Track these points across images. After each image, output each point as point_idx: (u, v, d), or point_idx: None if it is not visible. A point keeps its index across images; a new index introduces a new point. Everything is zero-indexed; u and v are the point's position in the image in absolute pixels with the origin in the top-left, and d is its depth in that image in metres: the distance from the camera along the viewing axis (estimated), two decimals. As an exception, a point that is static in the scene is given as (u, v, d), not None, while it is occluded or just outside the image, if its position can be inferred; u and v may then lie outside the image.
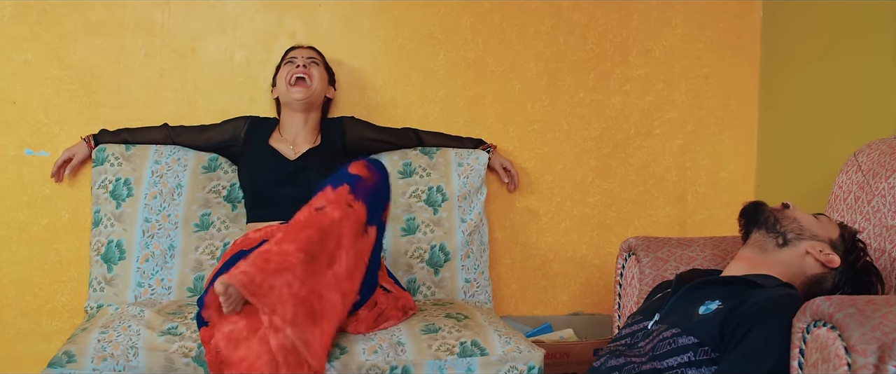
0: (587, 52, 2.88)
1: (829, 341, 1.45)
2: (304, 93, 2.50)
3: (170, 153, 2.59)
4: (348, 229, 1.97)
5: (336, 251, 1.95)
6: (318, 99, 2.56)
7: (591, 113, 2.90)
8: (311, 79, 2.52)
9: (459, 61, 2.81)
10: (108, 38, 2.66)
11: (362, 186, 2.00)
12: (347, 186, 1.98)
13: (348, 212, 1.96)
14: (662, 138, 2.94)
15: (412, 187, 2.68)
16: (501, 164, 2.76)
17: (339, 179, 2.01)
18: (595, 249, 2.94)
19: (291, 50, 2.60)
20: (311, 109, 2.56)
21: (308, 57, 2.56)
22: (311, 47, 2.62)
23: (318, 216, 1.94)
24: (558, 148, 2.89)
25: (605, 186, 2.93)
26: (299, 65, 2.51)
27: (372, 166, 2.05)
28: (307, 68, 2.52)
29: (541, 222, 2.91)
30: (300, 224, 1.94)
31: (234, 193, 2.60)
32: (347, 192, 1.97)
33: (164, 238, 2.50)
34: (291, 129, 2.56)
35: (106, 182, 2.53)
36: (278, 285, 1.84)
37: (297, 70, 2.51)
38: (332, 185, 2.00)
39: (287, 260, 1.87)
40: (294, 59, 2.54)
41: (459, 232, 2.67)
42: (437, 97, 2.83)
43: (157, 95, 2.70)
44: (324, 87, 2.57)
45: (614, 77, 2.90)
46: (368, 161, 2.06)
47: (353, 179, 2.00)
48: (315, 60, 2.57)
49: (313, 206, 1.97)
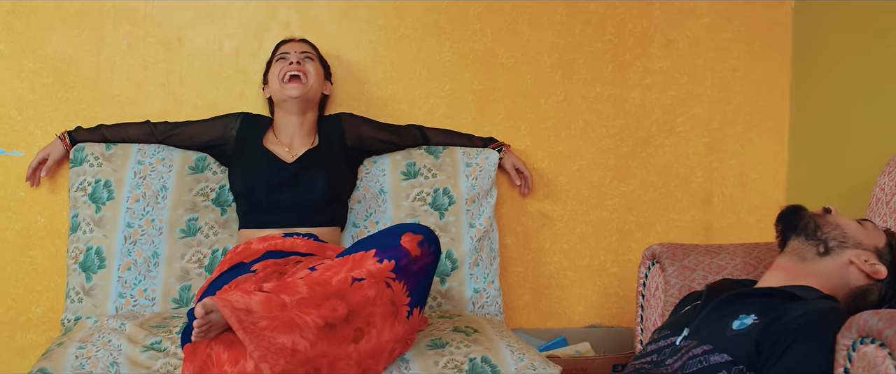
0: (605, 43, 2.83)
1: (878, 359, 1.41)
2: (300, 90, 2.44)
3: (154, 153, 2.53)
4: (381, 308, 1.90)
5: (365, 329, 1.89)
6: (315, 96, 2.51)
7: (610, 109, 2.85)
8: (306, 76, 2.46)
9: (467, 53, 2.76)
10: (87, 28, 2.61)
11: (409, 267, 1.94)
12: (394, 262, 1.91)
13: (384, 292, 1.90)
14: (686, 136, 2.89)
15: (417, 189, 2.64)
16: (513, 164, 2.72)
17: (387, 248, 1.93)
18: (614, 256, 2.89)
19: (282, 44, 2.55)
20: (307, 109, 2.51)
21: (301, 51, 2.50)
22: (303, 40, 2.57)
23: (352, 291, 1.87)
24: (574, 147, 2.85)
25: (624, 188, 2.89)
26: (293, 61, 2.45)
27: (427, 244, 1.98)
28: (302, 64, 2.46)
29: (555, 228, 2.86)
30: (330, 290, 1.87)
31: (224, 196, 2.55)
32: (390, 269, 1.91)
33: (147, 245, 2.45)
34: (287, 131, 2.52)
35: (84, 184, 2.48)
36: (281, 339, 1.78)
37: (290, 67, 2.45)
38: (379, 252, 1.93)
39: (303, 320, 1.81)
40: (286, 55, 2.48)
41: (468, 238, 2.63)
42: (442, 92, 2.78)
43: (140, 89, 2.65)
44: (320, 83, 2.52)
45: (634, 70, 2.85)
46: (426, 237, 1.99)
47: (401, 255, 1.93)
48: (309, 55, 2.51)
49: (351, 271, 1.90)
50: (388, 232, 2.01)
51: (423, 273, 2.00)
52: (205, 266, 2.48)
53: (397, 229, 2.01)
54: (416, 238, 1.97)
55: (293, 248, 2.26)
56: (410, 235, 1.97)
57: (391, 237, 1.97)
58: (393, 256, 1.92)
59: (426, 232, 2.02)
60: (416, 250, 1.95)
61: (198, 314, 1.76)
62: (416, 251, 1.95)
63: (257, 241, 2.31)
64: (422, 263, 1.98)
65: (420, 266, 1.97)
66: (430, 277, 2.03)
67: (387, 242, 1.96)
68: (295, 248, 2.26)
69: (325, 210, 2.43)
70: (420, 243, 1.97)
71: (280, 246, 2.26)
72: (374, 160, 2.65)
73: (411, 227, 2.01)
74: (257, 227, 2.40)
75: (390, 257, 1.91)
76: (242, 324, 1.75)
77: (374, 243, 1.98)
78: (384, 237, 1.99)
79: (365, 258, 1.93)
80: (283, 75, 2.45)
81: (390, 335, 1.92)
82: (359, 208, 2.61)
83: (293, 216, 2.38)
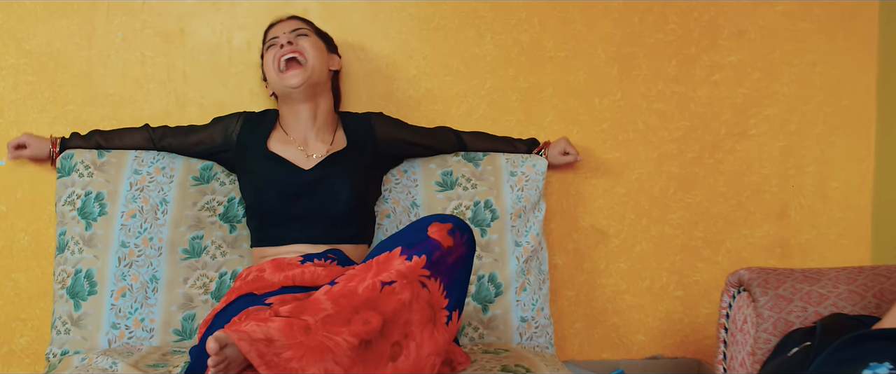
0: (667, 34, 2.63)
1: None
2: (302, 76, 2.19)
3: (152, 161, 2.33)
4: (419, 314, 1.73)
5: (403, 342, 1.71)
6: (322, 77, 2.24)
7: (673, 109, 2.65)
8: (304, 55, 2.20)
9: (511, 46, 2.57)
10: (77, 18, 2.44)
11: (443, 260, 1.75)
12: (425, 257, 1.73)
13: (419, 293, 1.72)
14: (759, 140, 2.68)
15: (454, 202, 2.39)
16: (561, 150, 2.49)
17: (414, 243, 1.75)
18: (678, 277, 2.68)
19: (270, 29, 2.29)
20: (317, 94, 2.25)
21: (292, 30, 2.24)
22: (292, 17, 2.30)
23: (384, 298, 1.69)
24: (632, 153, 2.64)
25: (689, 199, 2.67)
26: (284, 44, 2.20)
27: (458, 233, 1.80)
28: (294, 44, 2.21)
29: (611, 245, 2.65)
30: (358, 301, 1.69)
31: (233, 210, 2.33)
32: (423, 266, 1.72)
33: (144, 267, 2.24)
34: (298, 126, 2.27)
35: (73, 197, 2.28)
36: (312, 370, 1.60)
37: (283, 50, 2.20)
38: (406, 249, 1.74)
39: (333, 341, 1.64)
40: (276, 40, 2.23)
41: (513, 259, 2.38)
42: (483, 90, 2.58)
43: (138, 87, 2.47)
44: (323, 59, 2.25)
45: (701, 65, 2.65)
46: (455, 225, 1.81)
47: (432, 248, 1.74)
48: (302, 31, 2.25)
49: (378, 275, 1.72)
50: (412, 226, 1.83)
51: (458, 267, 1.81)
52: (211, 292, 2.27)
53: (421, 222, 1.82)
54: (444, 227, 1.79)
55: (315, 280, 2.02)
56: (437, 224, 1.79)
57: (417, 231, 1.80)
58: (423, 250, 1.74)
59: (455, 220, 1.83)
60: (448, 240, 1.78)
61: (211, 350, 1.55)
62: (447, 241, 1.77)
63: (272, 268, 2.06)
64: (456, 254, 1.80)
65: (455, 259, 1.79)
66: (467, 272, 1.84)
67: (413, 236, 1.78)
68: (316, 280, 2.02)
69: (350, 223, 2.19)
70: (450, 231, 1.79)
71: (299, 279, 2.02)
72: (404, 169, 2.42)
73: (437, 216, 1.83)
74: (271, 244, 2.17)
75: (420, 251, 1.74)
76: (264, 358, 1.57)
77: (398, 240, 1.79)
78: (409, 232, 1.81)
79: (391, 259, 1.75)
80: (278, 62, 2.20)
81: (430, 348, 1.75)
82: (388, 223, 2.37)
83: (312, 231, 2.15)
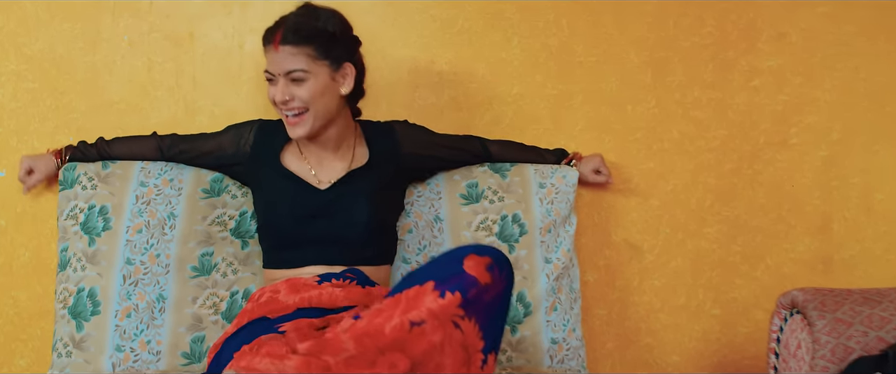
0: (704, 38, 2.54)
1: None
2: (304, 128, 2.00)
3: (160, 172, 2.21)
4: (451, 357, 1.58)
5: None
6: (329, 113, 2.03)
7: (710, 117, 2.55)
8: (304, 111, 1.98)
9: (539, 50, 2.48)
10: (81, 21, 2.36)
11: (480, 298, 1.59)
12: (460, 295, 1.56)
13: (452, 335, 1.57)
14: (801, 149, 2.58)
15: (480, 216, 2.27)
16: (593, 168, 2.38)
17: (448, 278, 1.59)
18: (715, 294, 2.57)
19: (266, 49, 2.00)
20: (327, 125, 2.06)
21: (286, 72, 1.95)
22: (287, 42, 1.95)
23: (413, 339, 1.54)
24: (667, 163, 2.54)
25: (727, 212, 2.57)
26: (279, 99, 1.96)
27: (498, 269, 1.63)
28: (290, 99, 1.96)
29: (645, 261, 2.55)
30: (384, 341, 1.54)
31: (245, 225, 2.21)
32: (457, 305, 1.56)
33: (151, 286, 2.13)
34: (311, 148, 2.12)
35: (76, 211, 2.17)
36: None
37: (281, 105, 1.98)
38: (439, 284, 1.58)
39: None
40: (273, 80, 1.98)
41: (543, 276, 2.24)
42: (509, 97, 2.48)
43: (145, 94, 2.39)
44: (329, 95, 2.00)
45: (739, 70, 2.55)
46: (494, 259, 1.64)
47: (468, 285, 1.58)
48: (298, 75, 1.95)
49: (407, 313, 1.56)
50: (446, 258, 1.66)
51: (496, 305, 1.64)
52: (221, 312, 2.15)
53: (457, 253, 1.65)
54: (482, 261, 1.62)
55: (333, 302, 1.90)
56: (475, 258, 1.62)
57: (451, 263, 1.62)
58: (457, 286, 1.57)
59: (494, 253, 1.66)
60: (486, 276, 1.60)
61: None
62: (485, 278, 1.60)
63: (287, 290, 1.94)
64: (494, 292, 1.63)
65: (492, 297, 1.62)
66: (504, 311, 1.68)
67: (447, 270, 1.61)
68: (335, 302, 1.90)
69: (369, 245, 2.06)
70: (489, 266, 1.61)
71: (315, 301, 1.90)
72: (427, 181, 2.30)
73: (474, 248, 1.66)
74: (284, 267, 2.05)
75: (454, 287, 1.57)
76: None
77: (430, 272, 1.63)
78: (442, 265, 1.64)
79: (422, 294, 1.58)
80: (278, 111, 2.02)
81: None
82: (410, 239, 2.24)
83: (329, 253, 2.02)
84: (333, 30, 1.98)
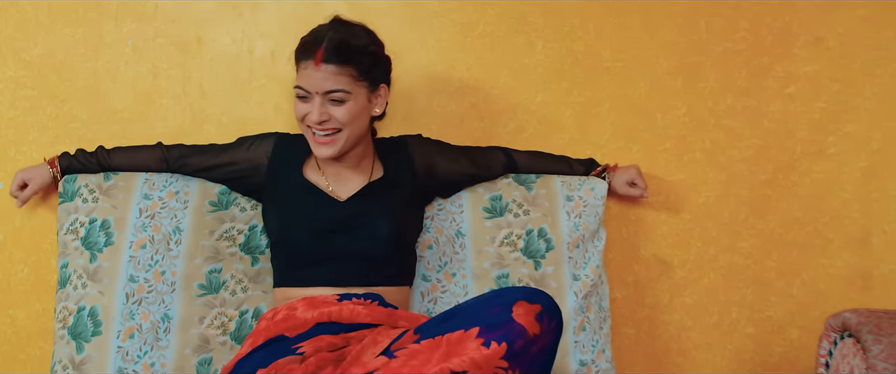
0: (737, 42, 2.44)
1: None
2: (334, 148, 1.92)
3: (165, 184, 2.12)
4: None
5: None
6: (359, 137, 1.98)
7: (743, 125, 2.46)
8: (337, 132, 1.91)
9: (564, 55, 2.39)
10: (83, 26, 2.30)
11: (526, 350, 1.51)
12: (506, 346, 1.48)
13: None
14: (839, 160, 2.48)
15: (505, 230, 2.16)
16: (627, 180, 2.26)
17: (495, 326, 1.51)
18: (749, 312, 2.47)
19: (300, 63, 1.92)
20: (353, 148, 2.01)
21: (326, 92, 1.87)
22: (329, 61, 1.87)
23: None
24: (699, 174, 2.45)
25: (761, 226, 2.47)
26: (314, 119, 1.89)
27: (547, 318, 1.55)
28: (327, 119, 1.89)
29: (675, 277, 2.46)
30: None
31: (256, 240, 2.11)
32: (502, 356, 1.48)
33: (155, 305, 2.04)
34: (332, 166, 2.05)
35: (76, 225, 2.08)
36: None
37: (315, 125, 1.90)
38: (484, 332, 1.50)
39: None
40: (306, 97, 1.90)
41: (571, 294, 2.14)
42: (533, 105, 2.39)
43: (150, 102, 2.32)
44: (363, 118, 1.95)
45: (774, 76, 2.46)
46: (545, 308, 1.56)
47: (515, 335, 1.50)
48: (338, 96, 1.88)
49: (447, 360, 1.47)
50: (494, 301, 1.59)
51: (542, 359, 1.56)
52: (230, 333, 2.05)
53: (505, 297, 1.58)
54: (532, 309, 1.55)
55: (354, 318, 1.81)
56: (524, 305, 1.55)
57: (499, 309, 1.56)
58: (504, 336, 1.50)
59: (544, 300, 1.59)
60: (534, 327, 1.53)
61: None
62: (534, 328, 1.53)
63: (304, 306, 1.84)
64: (541, 344, 1.55)
65: (539, 349, 1.55)
66: (550, 362, 1.60)
67: (494, 316, 1.54)
68: (356, 318, 1.81)
69: (389, 264, 1.97)
70: (538, 315, 1.54)
71: (335, 316, 1.80)
72: None
73: (524, 293, 1.59)
74: (299, 286, 1.95)
75: (500, 338, 1.50)
76: None
77: (475, 316, 1.55)
78: (489, 309, 1.57)
79: (465, 341, 1.51)
80: (305, 123, 1.93)
81: None
82: (430, 255, 2.13)
83: (347, 272, 1.93)
84: (375, 50, 1.93)
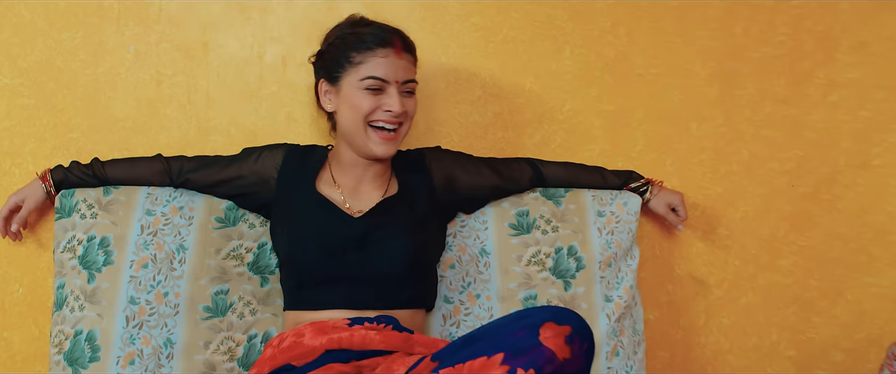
0: (776, 47, 2.34)
1: None
2: (392, 147, 1.85)
3: (168, 199, 2.00)
4: None
5: None
6: None
7: (783, 135, 2.35)
8: (401, 129, 1.85)
9: (593, 61, 2.29)
10: (82, 30, 2.20)
11: None
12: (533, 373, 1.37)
13: None
14: (885, 172, 2.38)
15: (532, 248, 2.02)
16: (668, 203, 2.14)
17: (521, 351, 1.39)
18: (790, 334, 2.36)
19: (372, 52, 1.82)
20: None
21: (405, 80, 1.82)
22: (407, 50, 1.86)
23: None
24: (736, 188, 2.34)
25: (803, 242, 2.36)
26: (394, 109, 1.80)
27: (578, 341, 1.43)
28: (403, 112, 1.81)
29: (711, 297, 2.34)
30: None
31: (265, 258, 1.98)
32: None
33: (158, 329, 1.91)
34: (352, 174, 1.92)
35: (73, 243, 1.96)
36: None
37: (389, 116, 1.80)
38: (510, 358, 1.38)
39: None
40: (383, 86, 1.80)
41: (603, 317, 2.00)
42: (560, 114, 2.28)
43: (153, 112, 2.22)
44: None
45: (815, 83, 2.35)
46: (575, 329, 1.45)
47: (543, 361, 1.38)
48: (411, 86, 1.85)
49: None
50: (518, 323, 1.47)
51: None
52: (238, 359, 1.92)
53: (531, 318, 1.46)
54: (561, 331, 1.43)
55: (366, 344, 1.68)
56: (552, 327, 1.43)
57: (524, 332, 1.43)
58: (531, 362, 1.38)
59: (575, 321, 1.46)
60: (564, 351, 1.41)
61: None
62: (563, 352, 1.41)
63: (312, 332, 1.71)
64: (572, 369, 1.43)
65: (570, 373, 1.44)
66: None
67: (519, 340, 1.41)
68: (368, 344, 1.68)
69: (406, 285, 1.84)
70: (568, 338, 1.42)
71: (346, 343, 1.68)
72: None
73: (552, 313, 1.46)
74: (309, 309, 1.83)
75: (527, 364, 1.38)
76: None
77: (498, 341, 1.43)
78: (513, 332, 1.45)
79: (488, 369, 1.39)
80: (372, 118, 1.82)
81: None
82: (452, 275, 1.99)
83: (361, 295, 1.80)
84: None
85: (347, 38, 1.81)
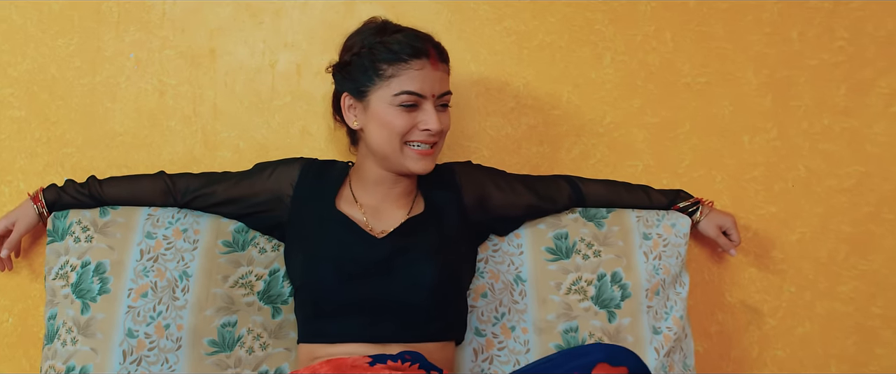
0: (835, 53, 2.22)
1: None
2: (429, 163, 1.73)
3: (170, 221, 1.88)
4: None
5: None
6: None
7: (843, 150, 2.23)
8: (437, 145, 1.73)
9: (636, 69, 2.20)
10: (79, 36, 2.12)
11: None
12: None
13: None
14: None
15: (572, 275, 1.87)
16: (720, 226, 1.99)
17: None
18: (851, 366, 2.24)
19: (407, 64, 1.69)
20: None
21: (441, 94, 1.70)
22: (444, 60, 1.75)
23: None
24: (792, 207, 2.22)
25: (865, 266, 2.23)
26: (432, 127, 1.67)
27: None
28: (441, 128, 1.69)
29: (766, 327, 2.21)
30: None
31: (277, 286, 1.84)
32: None
33: (158, 365, 1.78)
34: (376, 192, 1.79)
35: (66, 269, 1.83)
36: None
37: (427, 135, 1.68)
38: None
39: None
40: (420, 100, 1.68)
41: (651, 351, 1.83)
42: (601, 127, 2.17)
43: (155, 125, 2.13)
44: None
45: (877, 92, 2.23)
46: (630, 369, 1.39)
47: None
48: (447, 97, 1.73)
49: None
50: (569, 363, 1.40)
51: None
52: None
53: (583, 358, 1.39)
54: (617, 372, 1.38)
55: None
56: (606, 368, 1.37)
57: None
58: None
59: (631, 361, 1.40)
60: None
61: None
62: None
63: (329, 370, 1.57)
64: None
65: None
66: None
67: None
68: None
69: (433, 316, 1.69)
70: None
71: None
72: None
73: (606, 353, 1.40)
74: (326, 341, 1.68)
75: None
76: None
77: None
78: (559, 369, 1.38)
79: None
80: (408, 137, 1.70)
81: None
82: (484, 305, 1.84)
83: (383, 327, 1.66)
84: None
85: (375, 47, 1.65)
